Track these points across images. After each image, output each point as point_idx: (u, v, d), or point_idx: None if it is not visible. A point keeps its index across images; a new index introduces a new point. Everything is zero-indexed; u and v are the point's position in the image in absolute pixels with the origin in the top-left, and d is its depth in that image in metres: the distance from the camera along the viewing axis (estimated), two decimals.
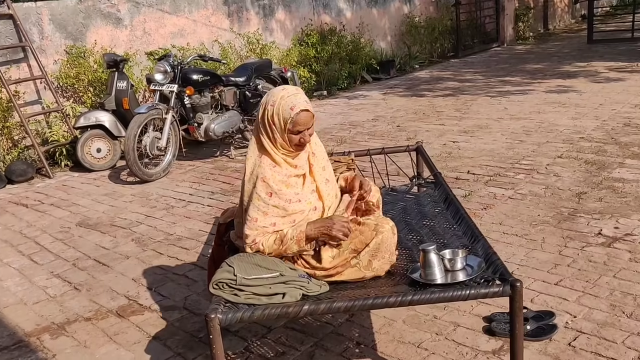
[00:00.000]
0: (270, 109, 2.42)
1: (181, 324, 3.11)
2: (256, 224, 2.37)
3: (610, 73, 9.28)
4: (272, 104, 2.42)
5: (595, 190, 4.42)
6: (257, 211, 2.38)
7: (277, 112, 2.40)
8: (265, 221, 2.38)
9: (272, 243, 2.38)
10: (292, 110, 2.39)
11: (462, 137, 6.31)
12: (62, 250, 4.26)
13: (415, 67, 11.80)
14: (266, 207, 2.37)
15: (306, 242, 2.35)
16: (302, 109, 2.40)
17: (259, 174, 2.38)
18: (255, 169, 2.41)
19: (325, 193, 2.53)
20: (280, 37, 9.64)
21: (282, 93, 2.44)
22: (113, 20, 7.39)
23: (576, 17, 19.19)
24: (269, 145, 2.43)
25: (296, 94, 2.44)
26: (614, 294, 2.99)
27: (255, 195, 2.38)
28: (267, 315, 2.03)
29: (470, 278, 2.13)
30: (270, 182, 2.37)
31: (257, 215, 2.38)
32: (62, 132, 6.62)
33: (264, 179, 2.38)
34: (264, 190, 2.37)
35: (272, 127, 2.42)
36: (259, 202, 2.37)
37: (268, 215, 2.38)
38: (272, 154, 2.42)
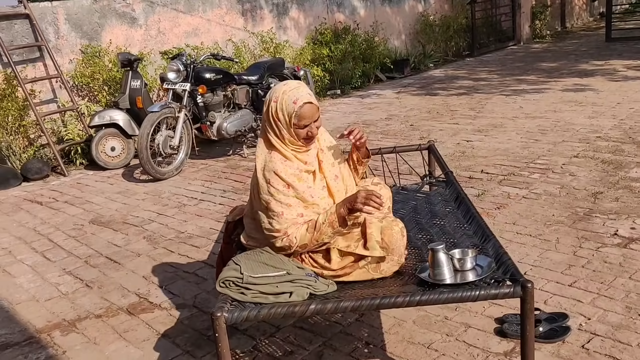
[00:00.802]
0: (273, 105, 2.40)
1: (190, 322, 3.11)
2: (283, 217, 2.32)
3: (628, 72, 9.15)
4: (275, 100, 2.40)
5: (612, 190, 4.35)
6: (280, 205, 2.32)
7: (281, 108, 2.38)
8: (291, 213, 2.33)
9: (304, 233, 2.32)
10: (295, 104, 2.37)
11: (476, 136, 6.25)
12: (75, 247, 4.28)
13: (429, 65, 11.73)
14: (287, 199, 2.33)
15: (340, 224, 2.31)
16: (305, 102, 2.38)
17: (271, 169, 2.35)
18: (267, 164, 2.38)
19: (335, 189, 2.51)
20: (293, 36, 9.63)
21: (283, 88, 2.43)
22: (128, 19, 7.43)
23: (594, 15, 18.96)
24: (277, 142, 2.41)
25: (298, 88, 2.42)
26: (630, 296, 2.93)
27: (273, 190, 2.33)
28: (274, 314, 2.01)
29: (480, 278, 2.09)
30: (283, 175, 2.34)
31: (281, 209, 2.32)
32: (77, 131, 6.66)
33: (277, 172, 2.34)
34: (280, 183, 2.34)
35: (278, 123, 2.39)
36: (279, 195, 2.33)
37: (292, 207, 2.33)
38: (282, 150, 2.40)
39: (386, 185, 2.89)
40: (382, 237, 2.30)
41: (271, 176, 2.35)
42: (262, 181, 2.37)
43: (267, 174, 2.36)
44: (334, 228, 2.31)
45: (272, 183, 2.34)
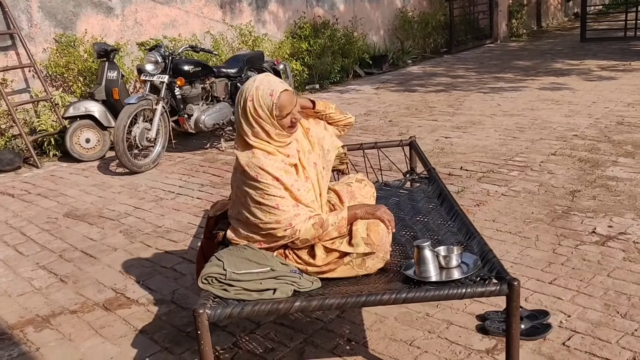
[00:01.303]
0: (250, 104, 2.33)
1: (169, 318, 3.05)
2: (279, 210, 2.27)
3: (602, 71, 9.28)
4: (251, 99, 2.34)
5: (589, 188, 4.39)
6: (273, 199, 2.28)
7: (259, 104, 2.32)
8: (286, 203, 2.29)
9: (309, 227, 2.28)
10: (271, 96, 2.32)
11: (454, 133, 6.28)
12: (49, 241, 4.18)
13: (408, 62, 11.75)
14: (279, 191, 2.29)
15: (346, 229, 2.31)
16: (281, 91, 2.34)
17: (256, 164, 2.30)
18: (250, 160, 2.32)
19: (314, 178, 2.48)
20: (272, 30, 9.56)
21: (254, 84, 2.37)
22: (104, 9, 7.28)
23: (569, 15, 19.21)
24: (256, 142, 2.35)
25: (268, 80, 2.38)
26: (608, 294, 2.96)
27: (263, 185, 2.28)
28: (257, 311, 1.98)
29: (466, 276, 2.08)
30: (269, 170, 2.29)
31: (275, 202, 2.28)
32: (50, 122, 6.52)
33: (263, 167, 2.29)
34: (268, 178, 2.29)
35: (259, 120, 2.33)
36: (270, 189, 2.28)
37: (285, 198, 2.29)
38: (264, 147, 2.35)
39: (370, 182, 2.87)
40: (368, 233, 2.28)
41: (258, 172, 2.29)
42: (248, 180, 2.31)
43: (254, 170, 2.30)
44: (340, 233, 2.29)
45: (261, 179, 2.29)
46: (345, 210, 2.34)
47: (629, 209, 3.97)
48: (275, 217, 2.28)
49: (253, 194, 2.30)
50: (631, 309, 2.81)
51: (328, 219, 2.31)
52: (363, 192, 2.77)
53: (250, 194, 2.31)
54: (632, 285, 3.03)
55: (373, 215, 2.33)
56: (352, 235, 2.28)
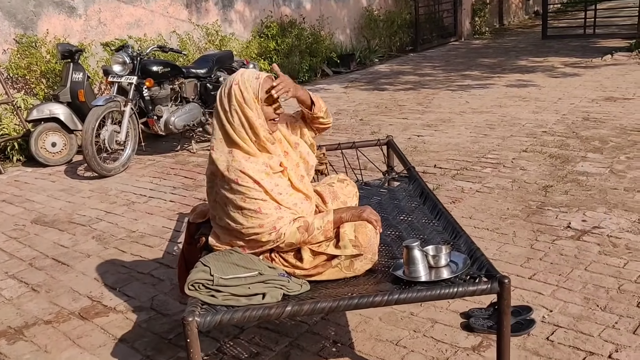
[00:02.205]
0: (235, 87, 2.28)
1: (149, 325, 2.98)
2: (262, 213, 2.21)
3: (566, 68, 9.47)
4: (236, 83, 2.29)
5: (561, 183, 4.47)
6: (255, 202, 2.21)
7: (245, 87, 2.27)
8: (268, 206, 2.23)
9: (294, 231, 2.24)
10: (257, 79, 2.30)
11: (426, 131, 6.31)
12: (17, 249, 4.04)
13: (374, 60, 11.79)
14: (260, 194, 2.23)
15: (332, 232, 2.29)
16: (266, 75, 2.33)
17: (236, 167, 2.23)
18: (230, 164, 2.25)
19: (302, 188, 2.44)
20: (239, 29, 9.47)
21: (239, 72, 2.35)
22: (66, 9, 7.09)
23: (529, 13, 19.60)
24: (238, 139, 2.28)
25: (252, 69, 2.38)
26: (587, 287, 3.01)
27: (243, 189, 2.21)
28: (248, 317, 1.94)
29: (456, 275, 2.08)
30: (250, 173, 2.23)
31: (257, 205, 2.22)
32: (13, 126, 6.31)
33: (243, 171, 2.22)
34: (249, 181, 2.22)
35: (244, 107, 2.26)
36: (251, 192, 2.21)
37: (267, 202, 2.24)
38: (244, 146, 2.28)
39: (352, 182, 2.85)
40: (355, 235, 2.25)
41: (238, 175, 2.22)
42: (228, 184, 2.24)
43: (234, 174, 2.23)
44: (326, 236, 2.27)
45: (241, 183, 2.22)
46: (331, 213, 2.30)
47: (601, 203, 4.05)
48: (258, 221, 2.23)
49: (234, 199, 2.24)
50: (610, 302, 2.86)
51: (314, 222, 2.27)
52: (345, 191, 2.74)
53: (231, 199, 2.24)
54: (609, 278, 3.08)
55: (360, 217, 2.30)
56: (340, 238, 2.26)
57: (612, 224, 3.71)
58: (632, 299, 2.88)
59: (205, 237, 2.47)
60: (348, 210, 2.37)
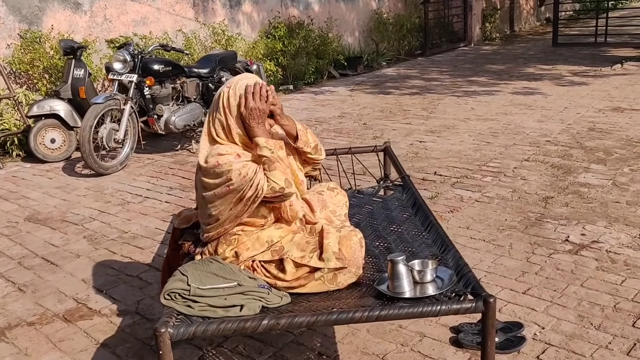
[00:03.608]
0: (226, 90, 2.26)
1: (132, 330, 2.93)
2: (246, 178, 2.12)
3: (574, 77, 9.36)
4: (229, 86, 2.27)
5: (562, 195, 4.38)
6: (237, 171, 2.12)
7: (234, 93, 2.24)
8: (250, 168, 2.14)
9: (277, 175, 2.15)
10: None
11: (429, 137, 6.24)
12: (8, 247, 4.00)
13: (382, 64, 11.71)
14: (241, 162, 2.15)
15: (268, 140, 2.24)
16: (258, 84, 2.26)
17: (214, 153, 2.18)
18: (210, 152, 2.21)
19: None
20: (246, 29, 9.43)
21: (240, 76, 2.33)
22: (72, 4, 7.07)
23: (541, 20, 19.43)
24: (218, 138, 2.24)
25: (255, 78, 2.30)
26: (582, 304, 2.93)
27: (225, 166, 2.13)
28: (223, 329, 1.87)
29: (441, 292, 2.01)
30: (229, 151, 2.18)
31: (239, 172, 2.12)
32: (14, 121, 6.29)
33: (221, 153, 2.17)
34: (229, 157, 2.16)
35: (226, 112, 2.23)
36: (231, 166, 2.13)
37: (249, 165, 2.15)
38: (225, 144, 2.24)
39: (342, 190, 2.79)
40: (339, 247, 2.19)
41: (217, 158, 2.16)
42: (210, 170, 2.17)
43: (213, 160, 2.17)
44: (278, 147, 2.24)
45: (220, 163, 2.15)
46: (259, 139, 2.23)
47: (601, 216, 3.96)
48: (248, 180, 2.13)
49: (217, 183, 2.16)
50: (605, 321, 2.78)
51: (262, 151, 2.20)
52: (335, 200, 2.68)
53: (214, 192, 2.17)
54: (605, 295, 3.00)
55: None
56: (323, 249, 2.19)
57: (612, 239, 3.62)
58: (628, 318, 2.80)
59: (188, 243, 2.41)
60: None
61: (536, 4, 18.93)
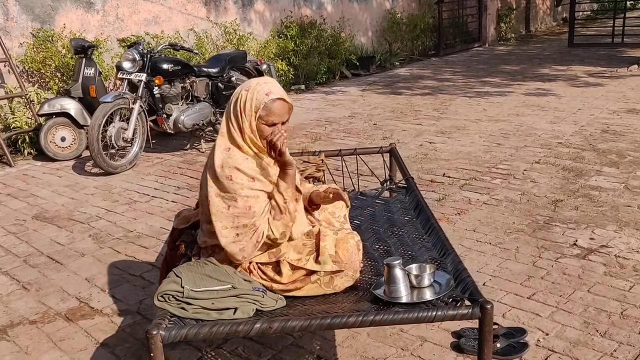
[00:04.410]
0: (244, 94, 2.23)
1: (133, 330, 2.92)
2: (251, 212, 2.14)
3: (589, 78, 9.23)
4: (247, 90, 2.24)
5: (572, 198, 4.31)
6: (247, 200, 2.14)
7: (251, 98, 2.21)
8: (259, 205, 2.16)
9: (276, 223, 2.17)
10: (267, 95, 2.21)
11: (439, 138, 6.18)
12: (14, 244, 4.03)
13: (395, 64, 11.65)
14: (254, 192, 2.16)
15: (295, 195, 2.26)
16: (279, 97, 2.22)
17: (231, 165, 2.16)
18: (226, 161, 2.18)
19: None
20: (258, 29, 9.42)
21: (258, 80, 2.29)
22: (84, 3, 7.11)
23: (557, 20, 19.22)
24: (238, 136, 2.23)
25: (274, 83, 2.28)
26: (588, 311, 2.87)
27: (236, 185, 2.14)
28: (215, 332, 1.85)
29: (438, 297, 1.97)
30: (246, 170, 2.17)
31: (248, 203, 2.14)
32: (25, 119, 6.34)
33: (239, 168, 2.16)
34: (244, 177, 2.16)
35: (243, 114, 2.21)
36: (243, 191, 2.14)
37: (260, 198, 2.17)
38: (243, 146, 2.22)
39: (344, 193, 2.75)
40: (336, 250, 2.16)
41: (232, 172, 2.16)
42: (222, 179, 2.16)
43: (228, 170, 2.16)
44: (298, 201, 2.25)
45: (235, 179, 2.15)
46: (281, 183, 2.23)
47: (612, 220, 3.89)
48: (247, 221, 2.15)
49: (225, 197, 2.16)
50: (611, 328, 2.72)
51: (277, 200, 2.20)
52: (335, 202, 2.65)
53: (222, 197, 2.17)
54: (612, 302, 2.94)
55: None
56: (320, 252, 2.16)
57: (622, 244, 3.55)
58: (635, 325, 2.73)
59: (185, 244, 2.40)
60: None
61: (553, 3, 18.73)
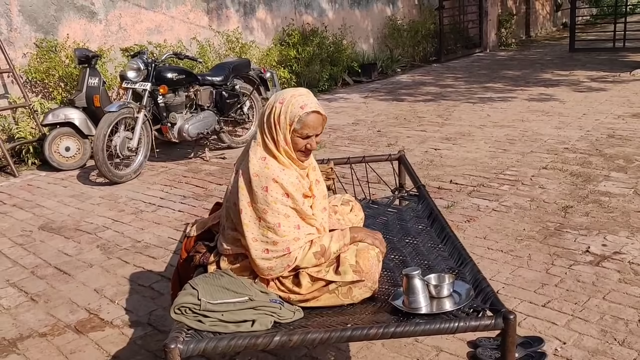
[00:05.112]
0: (278, 106, 2.22)
1: (144, 342, 2.89)
2: (281, 229, 2.14)
3: (592, 82, 9.23)
4: (281, 102, 2.22)
5: (582, 204, 4.28)
6: (277, 215, 2.14)
7: (285, 111, 2.20)
8: (288, 224, 2.15)
9: (310, 257, 2.16)
10: (302, 109, 2.19)
11: (444, 145, 6.16)
12: (21, 256, 4.00)
13: (397, 70, 11.65)
14: (286, 209, 2.16)
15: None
16: (313, 110, 2.21)
17: (268, 175, 2.16)
18: (262, 171, 2.17)
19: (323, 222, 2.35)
20: (260, 37, 9.42)
21: (293, 92, 2.27)
22: (87, 13, 7.11)
23: (557, 25, 19.27)
24: (273, 147, 2.22)
25: (308, 95, 2.27)
26: (605, 319, 2.84)
27: (270, 198, 2.14)
28: (234, 346, 1.83)
29: (458, 308, 1.94)
30: (283, 183, 2.16)
31: (278, 219, 2.14)
32: (29, 129, 6.32)
33: (276, 180, 2.15)
34: (279, 191, 2.15)
35: (277, 126, 2.20)
36: (276, 205, 2.14)
37: (290, 218, 2.16)
38: (278, 156, 2.22)
39: (358, 204, 2.73)
40: (357, 260, 2.13)
41: (269, 183, 2.15)
42: (257, 188, 2.15)
43: (264, 181, 2.15)
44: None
45: (270, 192, 2.14)
46: (348, 235, 2.22)
47: (623, 226, 3.86)
48: (274, 237, 2.15)
49: (257, 208, 2.16)
50: (629, 336, 2.69)
51: (330, 246, 2.19)
52: (350, 216, 2.63)
53: (255, 207, 2.16)
54: (628, 309, 2.91)
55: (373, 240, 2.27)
56: (340, 262, 2.14)
57: (634, 250, 3.52)
58: None
59: (199, 255, 2.37)
60: (362, 230, 2.32)
61: (552, 9, 18.78)
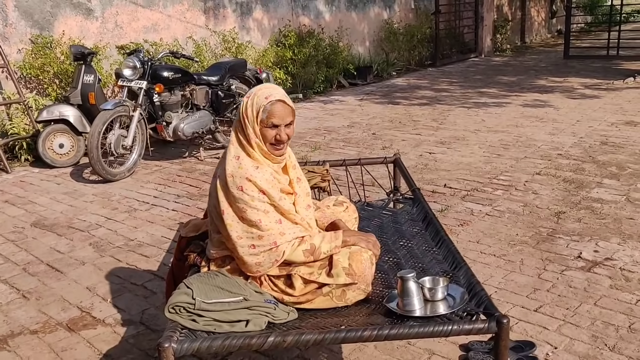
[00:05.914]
0: (245, 100, 2.25)
1: (136, 341, 2.88)
2: (262, 224, 2.15)
3: (586, 90, 9.28)
4: (248, 96, 2.26)
5: (574, 210, 4.31)
6: (256, 212, 2.15)
7: (252, 103, 2.22)
8: (269, 219, 2.16)
9: (300, 253, 2.17)
10: (267, 99, 2.21)
11: (438, 149, 6.18)
12: (13, 252, 3.98)
13: (392, 74, 11.68)
14: (264, 205, 2.16)
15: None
16: (278, 99, 2.22)
17: (242, 175, 2.16)
18: (236, 170, 2.18)
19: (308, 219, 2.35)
20: (257, 37, 9.42)
21: (260, 86, 2.31)
22: (83, 10, 7.09)
23: (552, 32, 19.37)
24: (246, 143, 2.23)
25: (275, 88, 2.29)
26: (595, 324, 2.86)
27: (246, 197, 2.14)
28: (228, 346, 1.83)
29: (452, 311, 1.95)
30: (257, 181, 2.16)
31: (258, 216, 2.15)
32: (23, 125, 6.29)
33: (249, 178, 2.16)
34: (254, 189, 2.16)
35: (246, 120, 2.23)
36: (254, 202, 2.15)
37: (269, 213, 2.17)
38: (252, 153, 2.22)
39: (352, 205, 2.74)
40: (349, 263, 2.14)
41: (243, 182, 2.16)
42: (233, 189, 2.17)
43: (239, 181, 2.16)
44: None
45: (245, 190, 2.15)
46: (340, 237, 2.22)
47: (615, 233, 3.89)
48: (260, 232, 2.15)
49: (236, 207, 2.17)
50: (619, 342, 2.71)
51: (321, 246, 2.19)
52: (342, 215, 2.63)
53: (232, 208, 2.17)
54: (619, 315, 2.93)
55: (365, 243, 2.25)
56: (333, 265, 2.14)
57: (626, 256, 3.55)
58: None
59: (194, 254, 2.37)
60: (355, 234, 2.31)
61: (548, 15, 18.88)
